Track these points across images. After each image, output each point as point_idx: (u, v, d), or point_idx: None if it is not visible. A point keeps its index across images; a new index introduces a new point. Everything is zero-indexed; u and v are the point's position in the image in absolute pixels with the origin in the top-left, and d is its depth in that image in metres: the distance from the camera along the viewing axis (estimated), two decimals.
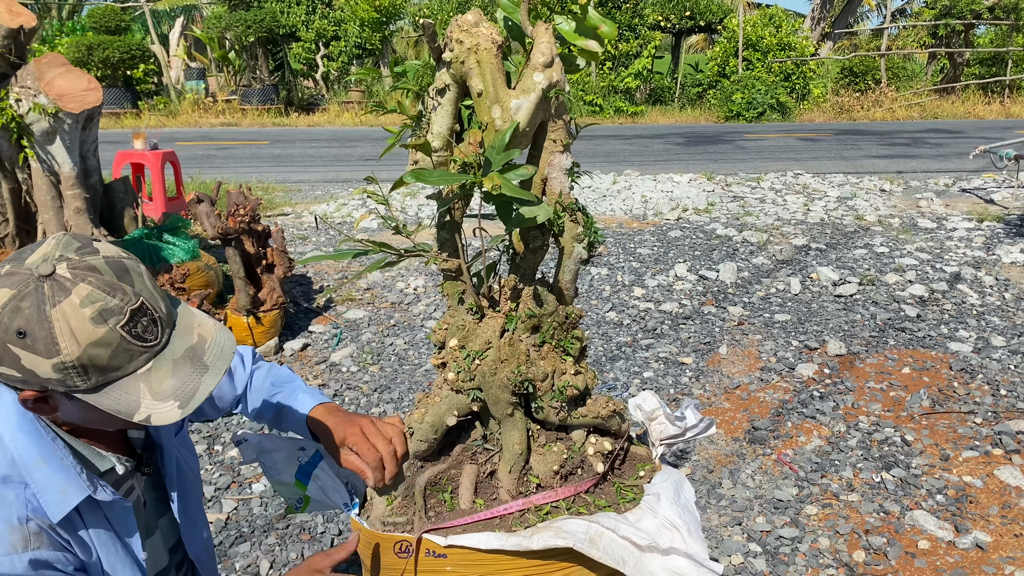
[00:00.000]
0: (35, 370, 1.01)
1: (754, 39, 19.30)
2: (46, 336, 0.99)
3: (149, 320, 1.06)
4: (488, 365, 1.48)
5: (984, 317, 5.13)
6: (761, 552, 2.87)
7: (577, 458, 1.54)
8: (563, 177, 1.45)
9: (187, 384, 1.09)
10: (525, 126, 1.37)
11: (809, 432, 3.73)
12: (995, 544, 2.87)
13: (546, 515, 1.45)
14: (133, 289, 1.05)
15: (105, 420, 1.12)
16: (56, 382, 1.03)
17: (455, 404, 1.53)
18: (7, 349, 1.00)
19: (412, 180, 1.32)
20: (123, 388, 1.06)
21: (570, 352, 1.54)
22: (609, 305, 5.44)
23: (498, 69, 1.37)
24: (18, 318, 0.99)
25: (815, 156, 12.47)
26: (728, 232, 7.31)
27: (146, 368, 1.07)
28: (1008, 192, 9.14)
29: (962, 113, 18.85)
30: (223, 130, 17.34)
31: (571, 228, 1.44)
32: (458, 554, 1.37)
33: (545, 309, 1.48)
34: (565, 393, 1.49)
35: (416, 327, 5.14)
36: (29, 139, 4.61)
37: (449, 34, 1.39)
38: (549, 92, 1.35)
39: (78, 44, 17.41)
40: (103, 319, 1.01)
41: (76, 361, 1.01)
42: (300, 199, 9.44)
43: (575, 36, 1.42)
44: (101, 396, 1.05)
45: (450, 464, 1.57)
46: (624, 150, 13.60)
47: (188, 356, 1.11)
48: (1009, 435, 3.59)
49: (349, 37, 20.06)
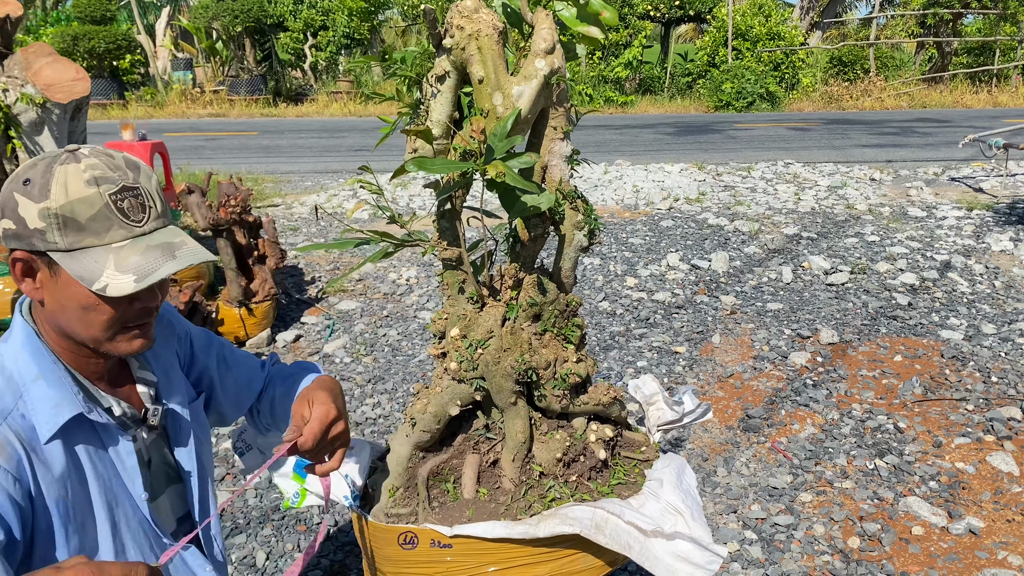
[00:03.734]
0: (25, 217, 1.11)
1: (743, 29, 19.30)
2: (43, 184, 1.11)
3: (138, 202, 1.16)
4: (491, 354, 1.47)
5: (975, 305, 5.16)
6: (756, 539, 2.88)
7: (579, 445, 1.54)
8: (563, 164, 1.44)
9: (150, 264, 1.16)
10: (527, 113, 1.36)
11: (803, 420, 3.74)
12: (988, 530, 2.89)
13: (551, 502, 1.45)
14: (134, 176, 1.18)
15: (77, 309, 1.17)
16: (39, 235, 1.11)
17: (458, 394, 1.53)
18: (11, 196, 1.13)
19: (414, 169, 1.31)
20: (92, 256, 1.13)
21: (571, 340, 1.53)
22: (602, 295, 5.44)
23: (499, 56, 1.36)
24: (31, 171, 1.14)
25: (805, 146, 12.50)
26: (720, 221, 7.32)
27: (120, 244, 1.15)
28: (997, 181, 9.19)
29: (950, 102, 18.93)
30: (211, 121, 17.21)
31: (571, 216, 1.44)
32: (463, 543, 1.37)
33: (547, 297, 1.48)
34: (568, 381, 1.49)
35: (409, 318, 5.12)
36: (17, 130, 4.55)
37: (449, 20, 1.37)
38: (551, 79, 1.34)
39: (63, 34, 17.23)
40: (96, 183, 1.13)
41: (59, 210, 1.11)
42: (290, 190, 9.39)
43: (576, 22, 1.41)
44: (72, 259, 1.13)
45: (452, 454, 1.56)
46: (615, 140, 13.59)
47: (163, 247, 1.18)
48: (1001, 421, 3.62)
49: (337, 27, 19.94)
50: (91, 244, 1.13)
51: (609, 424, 1.62)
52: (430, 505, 1.49)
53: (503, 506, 1.47)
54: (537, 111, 1.39)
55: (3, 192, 1.14)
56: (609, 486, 1.52)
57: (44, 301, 1.18)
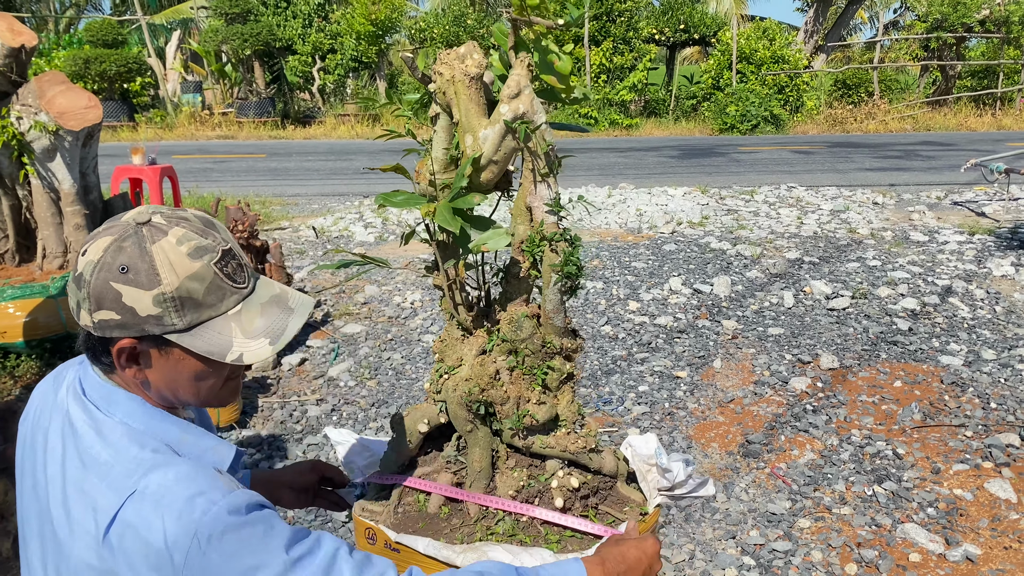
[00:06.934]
0: (135, 307, 1.06)
1: (748, 52, 19.45)
2: (148, 268, 1.06)
3: (237, 263, 1.14)
4: (453, 381, 1.54)
5: (975, 330, 5.19)
6: (755, 565, 2.91)
7: (537, 487, 1.54)
8: (543, 207, 1.47)
9: (276, 323, 1.16)
10: (491, 156, 1.41)
11: (802, 446, 3.77)
12: (985, 556, 2.91)
13: (490, 535, 1.49)
14: (221, 236, 1.14)
15: (190, 381, 1.15)
16: (154, 320, 1.07)
17: (427, 414, 1.62)
18: (108, 287, 1.06)
19: (381, 202, 1.40)
20: (215, 328, 1.11)
21: (543, 381, 1.53)
22: (604, 319, 5.49)
23: (471, 100, 1.42)
24: (121, 256, 1.06)
25: (808, 169, 12.56)
26: (722, 245, 7.37)
27: (236, 310, 1.13)
28: (999, 205, 9.23)
29: (954, 125, 19.00)
30: (220, 143, 17.40)
31: (550, 258, 1.45)
32: (407, 551, 1.46)
33: (519, 335, 1.51)
34: (522, 420, 1.51)
35: (413, 341, 5.17)
36: (30, 156, 4.65)
37: (436, 66, 1.44)
38: (513, 124, 1.38)
39: (75, 57, 17.48)
40: (199, 255, 1.09)
41: (175, 293, 1.07)
42: (297, 212, 9.48)
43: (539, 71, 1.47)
44: (194, 337, 1.10)
45: (433, 469, 1.65)
46: (619, 163, 13.68)
47: (274, 301, 1.18)
48: (999, 448, 3.64)
49: (345, 50, 20.18)
50: (209, 317, 1.11)
51: (589, 474, 1.60)
52: (395, 510, 1.57)
53: (451, 527, 1.53)
54: (508, 154, 1.43)
55: (95, 283, 1.06)
56: (561, 537, 1.50)
57: (148, 380, 1.14)
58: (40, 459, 1.16)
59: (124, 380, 1.16)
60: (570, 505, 1.54)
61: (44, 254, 4.91)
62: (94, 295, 1.07)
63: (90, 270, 1.07)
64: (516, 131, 1.38)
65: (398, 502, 1.59)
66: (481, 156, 1.41)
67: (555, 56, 1.45)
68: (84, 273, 1.07)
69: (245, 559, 1.01)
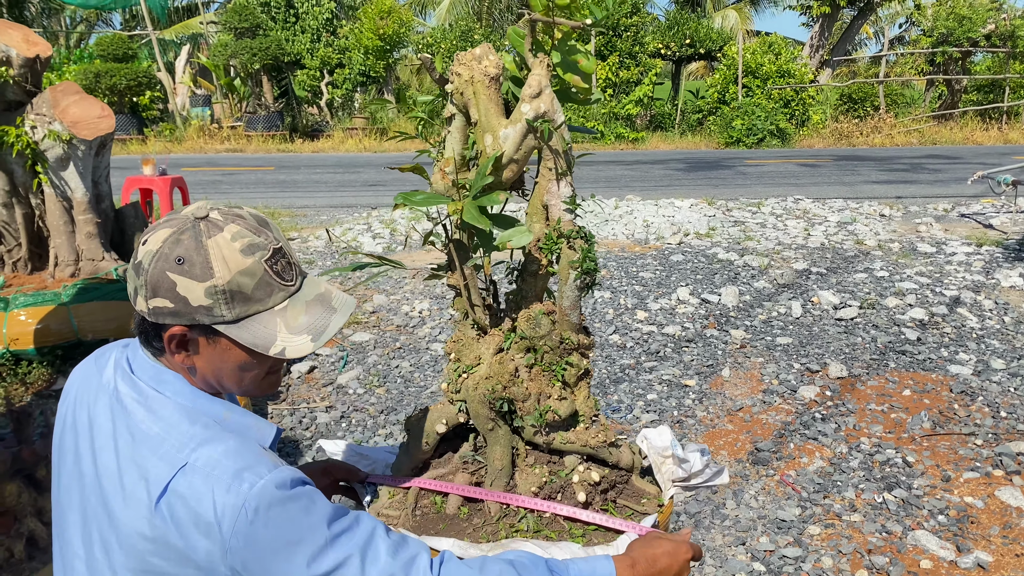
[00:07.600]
0: (188, 296, 1.12)
1: (753, 66, 19.51)
2: (203, 261, 1.12)
3: (286, 262, 1.20)
4: (473, 379, 1.54)
5: (984, 340, 5.18)
6: (765, 572, 2.90)
7: (559, 483, 1.55)
8: (561, 204, 1.49)
9: (319, 321, 1.21)
10: (512, 154, 1.43)
11: (812, 453, 3.77)
12: (996, 564, 2.90)
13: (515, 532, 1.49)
14: (273, 235, 1.20)
15: (234, 370, 1.21)
16: (204, 310, 1.13)
17: (445, 414, 1.62)
18: (165, 276, 1.12)
19: (400, 201, 1.41)
20: (261, 322, 1.17)
21: (562, 377, 1.55)
22: (613, 328, 5.50)
23: (491, 100, 1.44)
24: (178, 248, 1.12)
25: (815, 182, 12.58)
26: (729, 256, 7.38)
27: (282, 306, 1.19)
28: (1006, 217, 9.22)
29: (960, 139, 19.01)
30: (228, 156, 17.50)
31: (567, 255, 1.48)
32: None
33: (538, 332, 1.53)
34: (544, 417, 1.52)
35: (421, 349, 5.19)
36: (43, 165, 4.70)
37: (453, 67, 1.47)
38: (535, 122, 1.41)
39: (86, 71, 17.62)
40: (251, 251, 1.15)
41: (226, 286, 1.12)
42: (306, 223, 9.54)
43: (562, 71, 1.49)
44: (241, 329, 1.16)
45: (448, 470, 1.64)
46: (626, 175, 13.72)
47: (318, 300, 1.23)
48: (1010, 456, 3.63)
49: (353, 65, 20.30)
50: (257, 311, 1.16)
51: (607, 468, 1.61)
52: (413, 513, 1.57)
53: (473, 527, 1.52)
54: (527, 153, 1.46)
55: (152, 272, 1.12)
56: (585, 531, 1.51)
57: (195, 367, 1.20)
58: (85, 436, 1.21)
59: (172, 364, 1.21)
60: (591, 499, 1.55)
61: (56, 262, 4.95)
62: (151, 283, 1.13)
63: (149, 259, 1.13)
64: (537, 130, 1.41)
65: (415, 505, 1.59)
66: (503, 155, 1.43)
67: (582, 56, 1.47)
68: (143, 261, 1.13)
69: (289, 532, 1.06)
